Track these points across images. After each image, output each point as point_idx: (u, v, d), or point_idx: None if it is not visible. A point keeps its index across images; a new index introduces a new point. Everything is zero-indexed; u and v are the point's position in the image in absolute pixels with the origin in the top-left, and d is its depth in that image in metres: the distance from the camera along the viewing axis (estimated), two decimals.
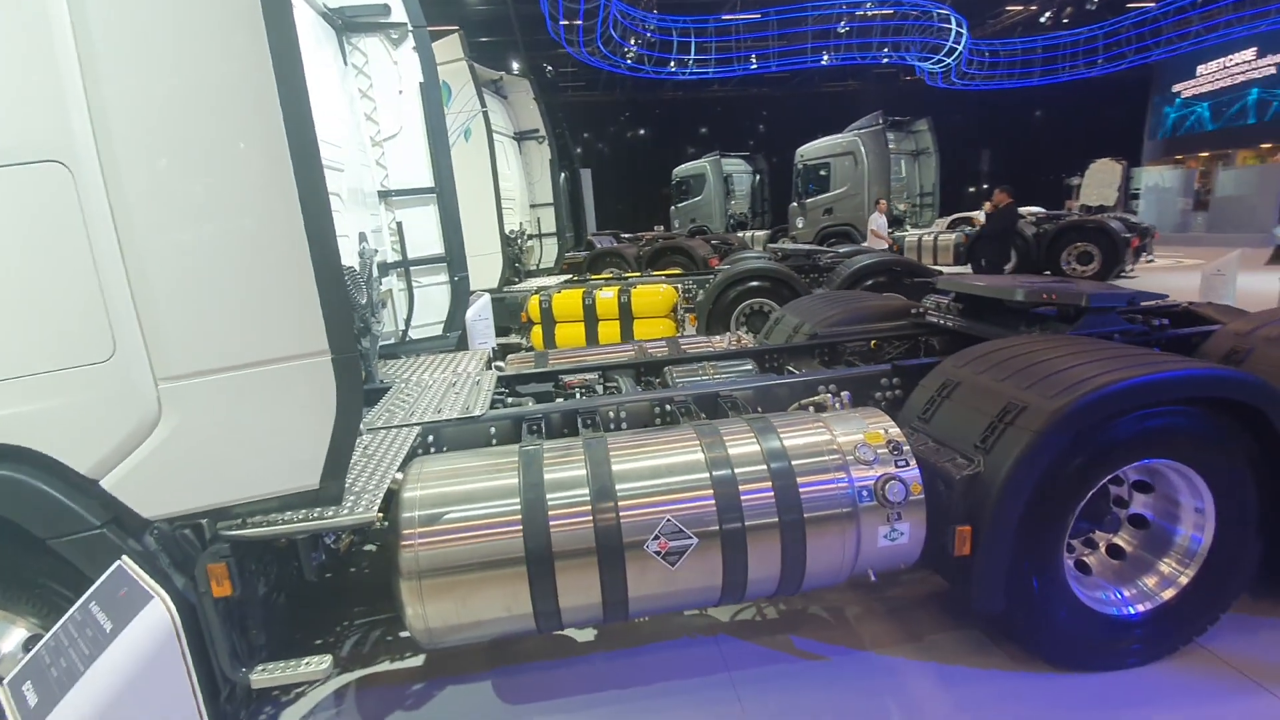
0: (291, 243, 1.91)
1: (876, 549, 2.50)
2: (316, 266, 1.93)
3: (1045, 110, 30.86)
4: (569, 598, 2.37)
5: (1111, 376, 2.41)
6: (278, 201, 1.90)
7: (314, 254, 1.92)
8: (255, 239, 1.94)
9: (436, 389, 3.62)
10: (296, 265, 1.93)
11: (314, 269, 1.93)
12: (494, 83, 9.38)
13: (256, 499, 2.10)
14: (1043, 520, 2.47)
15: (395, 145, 4.43)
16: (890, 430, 2.62)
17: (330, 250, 1.97)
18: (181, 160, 1.89)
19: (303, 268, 1.94)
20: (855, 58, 20.79)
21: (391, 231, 4.48)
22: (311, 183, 1.90)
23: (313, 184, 1.91)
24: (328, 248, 1.96)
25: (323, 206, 1.94)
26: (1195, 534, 2.69)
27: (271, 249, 1.95)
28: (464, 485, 2.44)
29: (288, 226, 1.90)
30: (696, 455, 2.52)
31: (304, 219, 1.89)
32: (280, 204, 1.90)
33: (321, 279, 1.94)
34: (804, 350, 4.11)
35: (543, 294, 7.75)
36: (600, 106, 30.96)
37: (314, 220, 1.91)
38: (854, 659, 2.87)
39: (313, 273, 1.93)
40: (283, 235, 1.92)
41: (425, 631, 2.35)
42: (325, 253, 1.94)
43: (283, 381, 2.02)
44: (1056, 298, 3.31)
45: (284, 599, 2.61)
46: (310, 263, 1.92)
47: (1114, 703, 2.54)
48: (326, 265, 1.95)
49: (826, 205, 16.06)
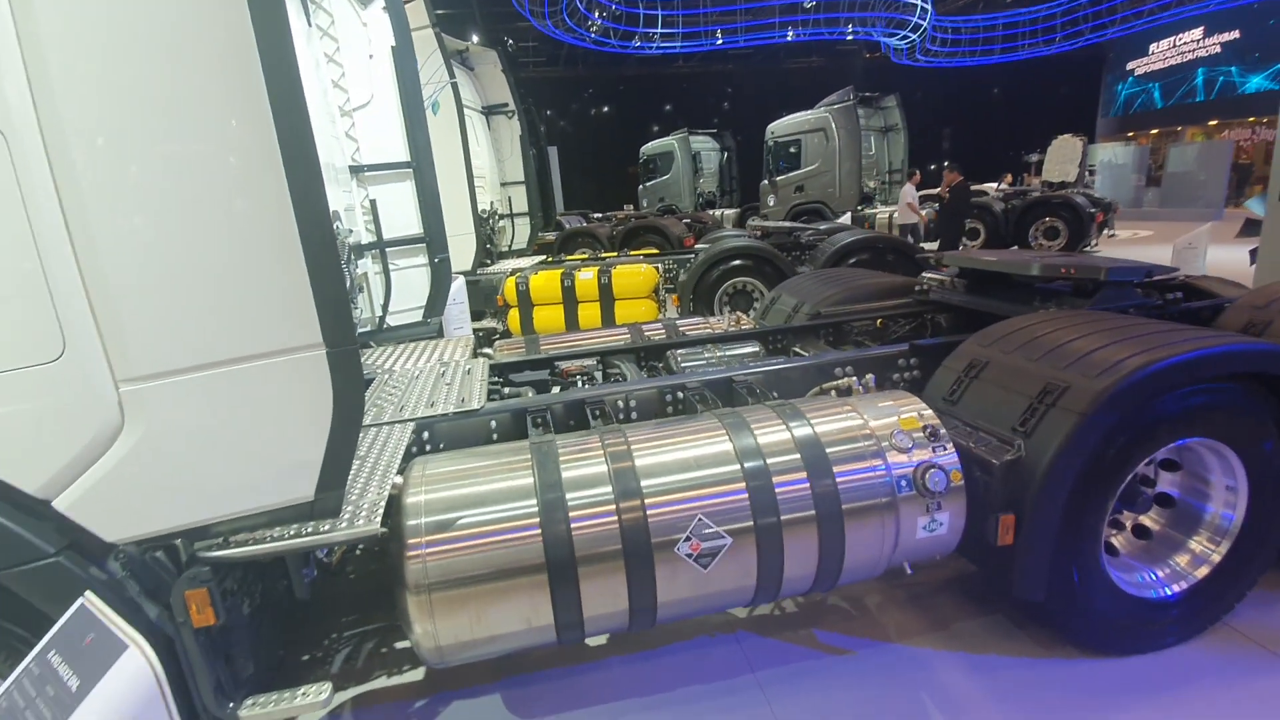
0: (276, 216, 1.63)
1: (915, 540, 2.37)
2: (306, 243, 1.65)
3: (1003, 88, 31.27)
4: (594, 606, 2.17)
5: (1156, 354, 2.30)
6: (259, 167, 1.62)
7: (303, 229, 1.64)
8: (233, 214, 1.65)
9: (424, 380, 3.35)
10: (283, 242, 1.65)
11: (303, 246, 1.65)
12: (460, 53, 8.91)
13: (241, 515, 1.83)
14: (1084, 505, 2.37)
15: (366, 116, 4.08)
16: (925, 414, 2.48)
17: (322, 224, 1.69)
18: (140, 123, 1.59)
19: (289, 245, 1.66)
20: (822, 33, 20.61)
21: (365, 210, 4.14)
22: (298, 144, 1.62)
23: (300, 145, 1.63)
24: (319, 221, 1.68)
25: (312, 172, 1.67)
26: (1226, 511, 2.63)
27: (252, 225, 1.66)
28: (474, 487, 2.21)
29: (271, 197, 1.62)
30: (725, 446, 2.34)
31: (290, 187, 1.61)
32: (262, 170, 1.62)
33: (313, 258, 1.67)
34: (808, 331, 3.95)
35: (519, 276, 7.44)
36: (562, 82, 30.21)
37: (303, 189, 1.63)
38: (881, 651, 2.75)
39: (302, 251, 1.65)
40: (266, 208, 1.64)
41: (435, 650, 2.13)
42: (317, 227, 1.66)
43: (269, 380, 1.75)
44: (1075, 272, 3.21)
45: (271, 619, 2.35)
46: (299, 239, 1.64)
47: (1149, 686, 2.48)
48: (318, 242, 1.67)
49: (798, 182, 15.94)
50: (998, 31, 24.32)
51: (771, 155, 16.52)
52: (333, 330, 1.74)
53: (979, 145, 31.12)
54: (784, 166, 16.24)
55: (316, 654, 2.97)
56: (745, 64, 30.18)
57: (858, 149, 15.16)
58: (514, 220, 10.14)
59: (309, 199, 1.65)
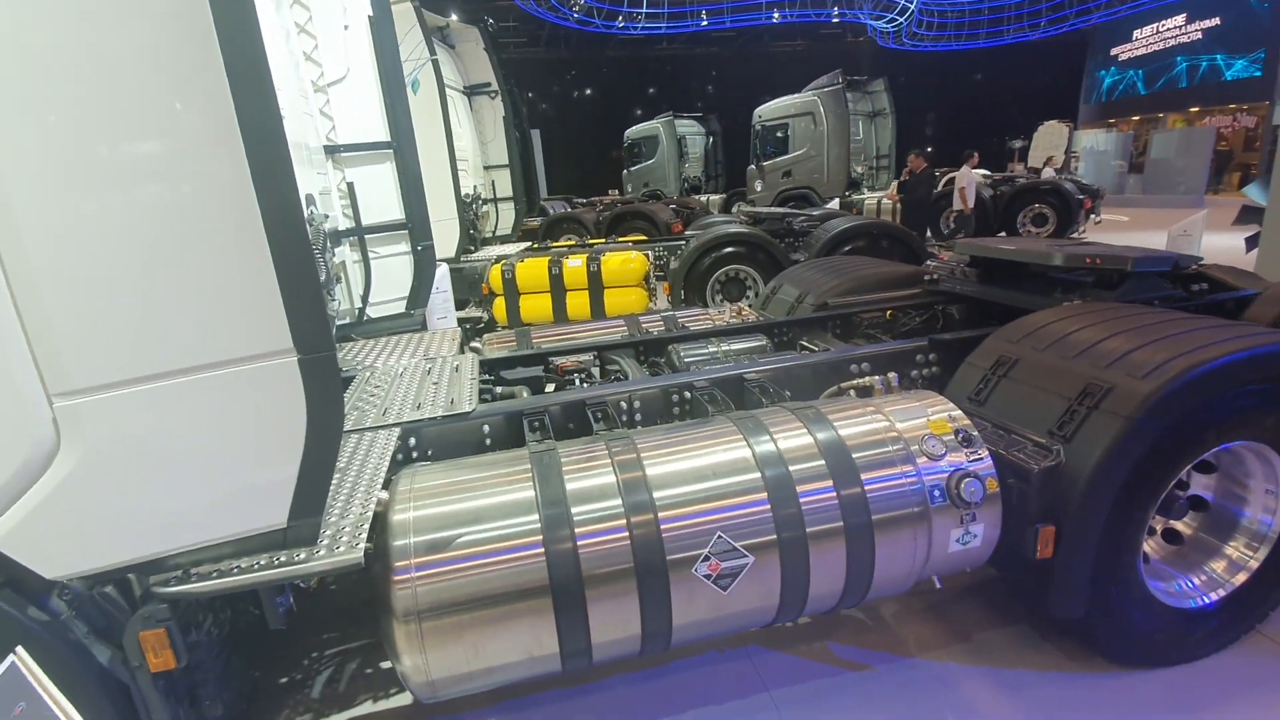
0: (235, 202, 1.38)
1: (947, 554, 2.20)
2: (272, 233, 1.40)
3: (988, 73, 31.22)
4: (603, 632, 1.97)
5: (1206, 353, 2.14)
6: (211, 145, 1.37)
7: (268, 216, 1.39)
8: (183, 200, 1.40)
9: (410, 378, 3.11)
10: (243, 232, 1.40)
11: (268, 236, 1.40)
12: (440, 30, 8.52)
13: (202, 546, 1.60)
14: (1126, 515, 2.22)
15: (342, 91, 3.78)
16: (956, 417, 2.30)
17: (290, 211, 1.44)
18: (69, 94, 1.33)
19: (251, 236, 1.41)
20: (809, 14, 20.31)
21: (342, 194, 3.85)
22: (261, 117, 1.37)
23: (262, 119, 1.38)
24: (287, 207, 1.43)
25: (276, 149, 1.41)
26: (1265, 516, 2.50)
27: (206, 213, 1.40)
28: (469, 502, 1.99)
29: (228, 180, 1.37)
30: (743, 453, 2.14)
31: (251, 168, 1.36)
32: (215, 149, 1.37)
33: (280, 250, 1.42)
34: (815, 323, 3.77)
35: (505, 263, 7.17)
36: (544, 64, 29.58)
37: (267, 169, 1.38)
38: (903, 667, 2.59)
39: (266, 241, 1.41)
40: (221, 193, 1.38)
41: (426, 685, 1.92)
42: (284, 214, 1.42)
43: (230, 393, 1.50)
44: (1101, 262, 3.04)
45: (241, 649, 2.12)
46: (262, 228, 1.39)
47: (1188, 703, 2.34)
48: (286, 231, 1.42)
49: (785, 167, 15.71)
50: (983, 16, 24.20)
51: (759, 140, 16.26)
52: (305, 333, 1.50)
53: (963, 131, 31.12)
54: (771, 151, 15.99)
55: (295, 676, 2.74)
56: (729, 46, 29.77)
57: (846, 134, 14.97)
58: (498, 205, 9.81)
59: (274, 182, 1.40)
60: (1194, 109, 23.33)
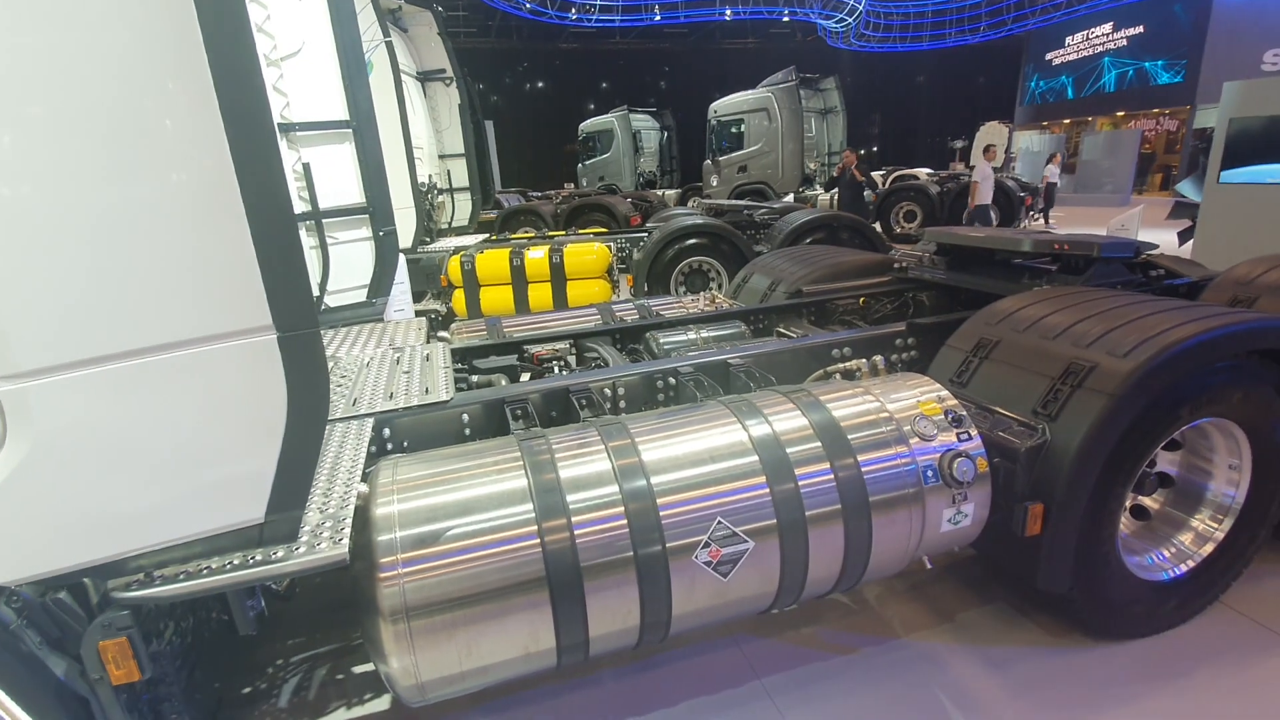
0: (203, 153, 1.23)
1: (939, 534, 2.20)
2: (247, 191, 1.26)
3: (930, 75, 32.28)
4: (601, 624, 1.89)
5: (1183, 331, 2.21)
6: (181, 90, 1.22)
7: (241, 171, 1.25)
8: (143, 153, 1.24)
9: (378, 368, 2.95)
10: (214, 190, 1.26)
11: (243, 195, 1.26)
12: (392, 13, 8.19)
13: (168, 545, 1.45)
14: (1107, 490, 2.27)
15: (296, 66, 3.56)
16: (945, 398, 2.31)
17: (269, 164, 1.30)
18: (10, 36, 1.17)
19: (224, 194, 1.27)
20: (761, 12, 20.52)
21: (297, 175, 3.63)
22: (229, 46, 1.23)
23: (232, 49, 1.24)
24: (265, 160, 1.29)
25: (252, 88, 1.28)
26: (1229, 489, 2.60)
27: (172, 169, 1.26)
28: (458, 493, 1.88)
29: (193, 127, 1.23)
30: (739, 436, 2.09)
31: (222, 112, 1.22)
32: (186, 95, 1.22)
33: (257, 213, 1.28)
34: (790, 310, 3.76)
35: (464, 255, 6.96)
36: (495, 54, 29.04)
37: (241, 113, 1.24)
38: (890, 649, 2.60)
39: (242, 201, 1.27)
40: (186, 142, 1.24)
41: (415, 688, 1.80)
42: (261, 167, 1.28)
43: (201, 374, 1.36)
44: (1069, 248, 3.13)
45: (207, 656, 1.96)
46: (236, 184, 1.25)
47: (1161, 672, 2.42)
48: (264, 190, 1.29)
49: (741, 163, 15.82)
50: (927, 19, 24.93)
51: (714, 135, 16.34)
52: (286, 308, 1.36)
53: (906, 131, 32.13)
54: (727, 146, 16.09)
55: (260, 685, 2.57)
56: (683, 43, 29.89)
57: (800, 130, 15.17)
58: (454, 196, 9.53)
59: (250, 129, 1.26)
60: (1120, 113, 24.63)
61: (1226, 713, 2.24)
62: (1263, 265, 3.14)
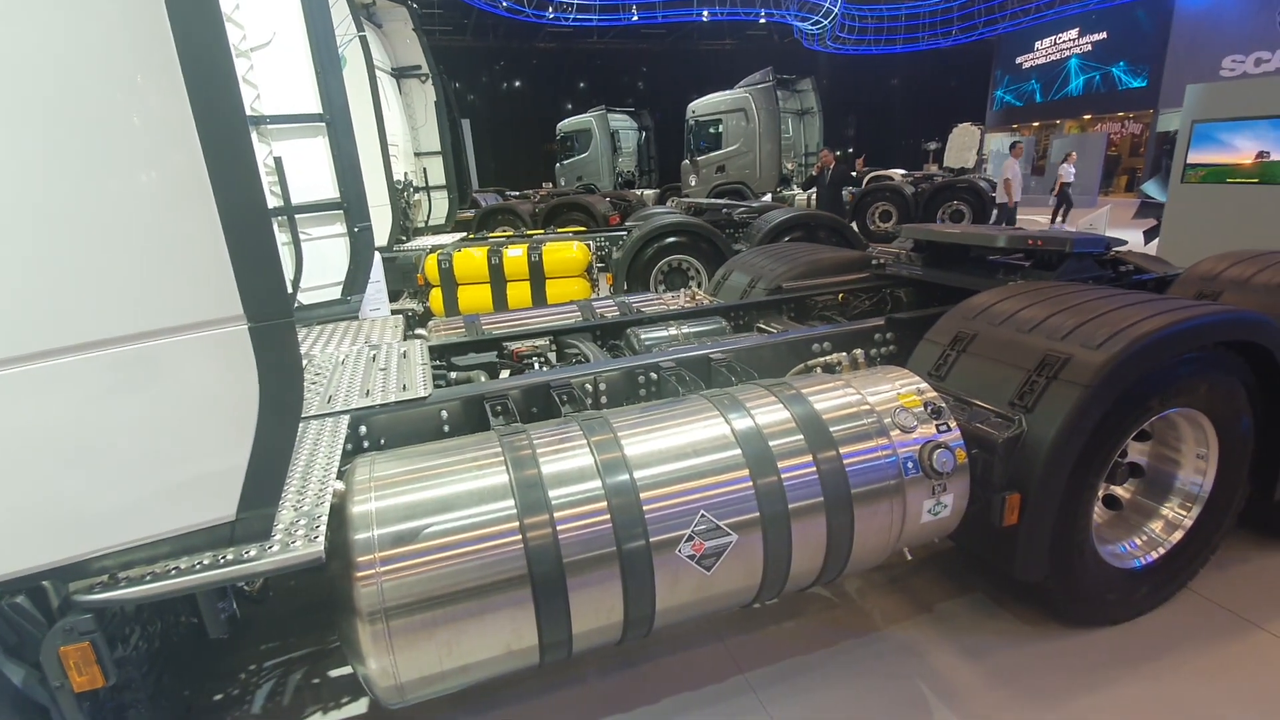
0: (164, 122, 1.17)
1: (919, 525, 2.22)
2: (215, 174, 1.22)
3: (902, 78, 32.74)
4: (585, 620, 1.87)
5: (1154, 323, 2.25)
6: (146, 71, 1.17)
7: (208, 145, 1.19)
8: (106, 133, 1.19)
9: (354, 365, 2.90)
10: (182, 174, 1.21)
11: (210, 174, 1.21)
12: (366, 7, 8.07)
13: (133, 545, 1.39)
14: (1082, 480, 2.31)
15: (267, 58, 3.47)
16: (924, 390, 2.33)
17: (237, 136, 1.26)
18: None
19: (192, 176, 1.22)
20: (738, 13, 20.63)
21: (269, 169, 3.54)
22: (206, 30, 1.19)
23: (207, 31, 1.19)
24: (233, 132, 1.24)
25: (216, 52, 1.23)
26: (1196, 478, 2.66)
27: (130, 141, 1.20)
28: (437, 490, 1.84)
29: (152, 91, 1.17)
30: (722, 429, 2.09)
31: (185, 76, 1.17)
32: (151, 75, 1.18)
33: (226, 193, 1.23)
34: (770, 306, 3.77)
35: (441, 253, 6.88)
36: (470, 53, 28.78)
37: (205, 79, 1.19)
38: (871, 640, 2.62)
39: (209, 182, 1.22)
40: (155, 124, 1.18)
41: (394, 689, 1.76)
42: (229, 140, 1.23)
43: (166, 367, 1.31)
44: (1043, 243, 3.18)
45: (175, 661, 1.90)
46: (204, 168, 1.20)
47: (1134, 656, 2.47)
48: (233, 166, 1.24)
49: (719, 163, 15.90)
50: (900, 22, 25.29)
51: (693, 135, 16.39)
52: (258, 297, 1.32)
53: (880, 133, 32.54)
54: (705, 146, 16.15)
55: (232, 691, 2.50)
56: (660, 43, 29.93)
57: (777, 130, 15.29)
58: (430, 194, 9.41)
59: (217, 96, 1.20)
60: (1087, 116, 25.22)
61: (1197, 694, 2.29)
62: (1226, 261, 3.22)
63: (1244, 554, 2.99)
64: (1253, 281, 3.04)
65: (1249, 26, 18.77)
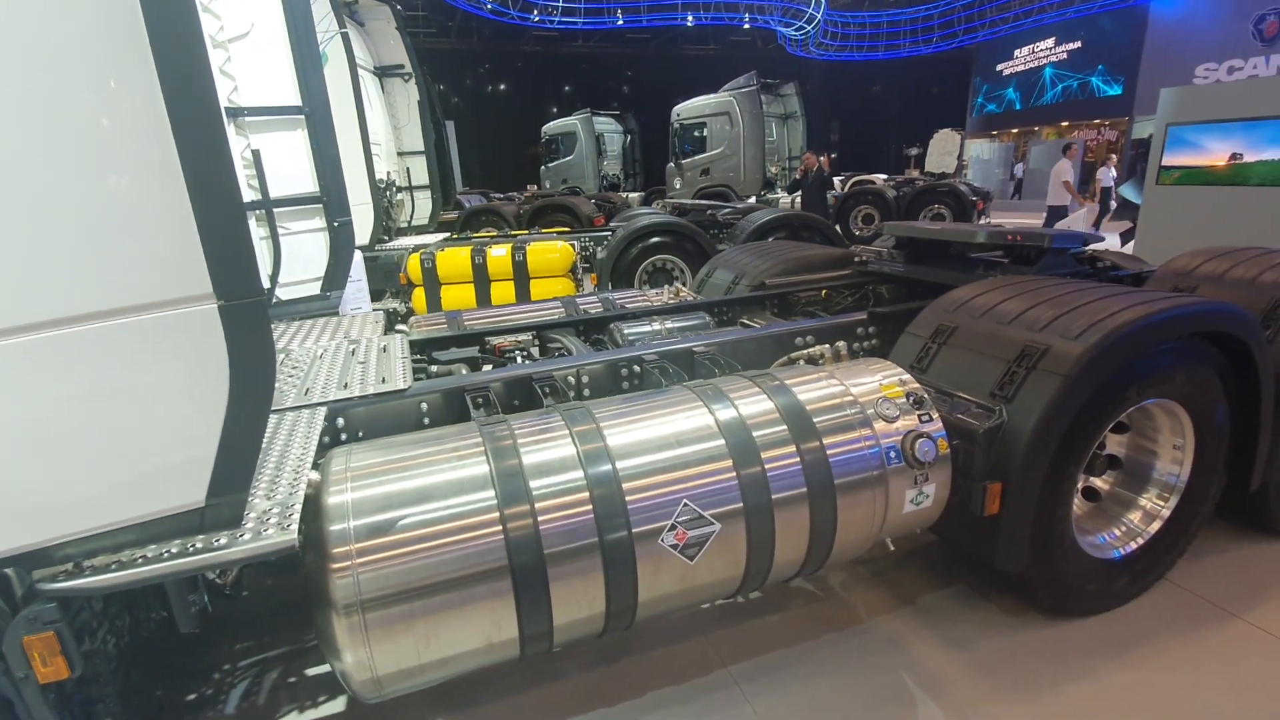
0: (128, 91, 1.14)
1: (902, 515, 2.22)
2: (183, 143, 1.18)
3: (884, 85, 33.11)
4: (566, 612, 1.85)
5: (1131, 314, 2.28)
6: (109, 29, 1.14)
7: (174, 112, 1.16)
8: (66, 98, 1.16)
9: (332, 359, 2.85)
10: (147, 142, 1.17)
11: (178, 148, 1.18)
12: (349, 5, 8.01)
13: (97, 532, 1.35)
14: (1061, 470, 2.32)
15: (245, 49, 3.43)
16: (906, 381, 2.33)
17: (207, 105, 1.22)
18: None
19: (158, 145, 1.18)
20: (722, 18, 20.74)
21: (246, 162, 3.49)
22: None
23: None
24: (202, 102, 1.21)
25: (192, 40, 1.20)
26: (1173, 468, 2.70)
27: (88, 109, 1.16)
28: (415, 480, 1.81)
29: (114, 57, 1.14)
30: (705, 419, 2.08)
31: (152, 41, 1.13)
32: (115, 35, 1.14)
33: (193, 165, 1.20)
34: (753, 302, 3.77)
35: (424, 252, 6.83)
36: (455, 55, 28.66)
37: (171, 45, 1.16)
38: (855, 633, 2.62)
39: (175, 148, 1.18)
40: (103, 78, 1.14)
41: (371, 683, 1.73)
42: (198, 111, 1.20)
43: (131, 346, 1.27)
44: (1022, 239, 3.21)
45: (146, 656, 1.85)
46: (169, 127, 1.17)
47: (1113, 646, 2.49)
48: (202, 139, 1.21)
49: (704, 166, 15.95)
50: (882, 29, 25.57)
51: (678, 138, 16.43)
52: (228, 275, 1.28)
53: (864, 137, 32.87)
54: (690, 149, 16.20)
55: (206, 690, 2.44)
56: (645, 48, 30.01)
57: (761, 134, 15.38)
58: (413, 194, 9.34)
59: (183, 61, 1.17)
60: (1064, 123, 25.63)
61: (1177, 683, 2.31)
62: (1200, 257, 3.28)
63: (1220, 545, 3.03)
64: (1226, 276, 3.10)
65: (1221, 35, 19.20)
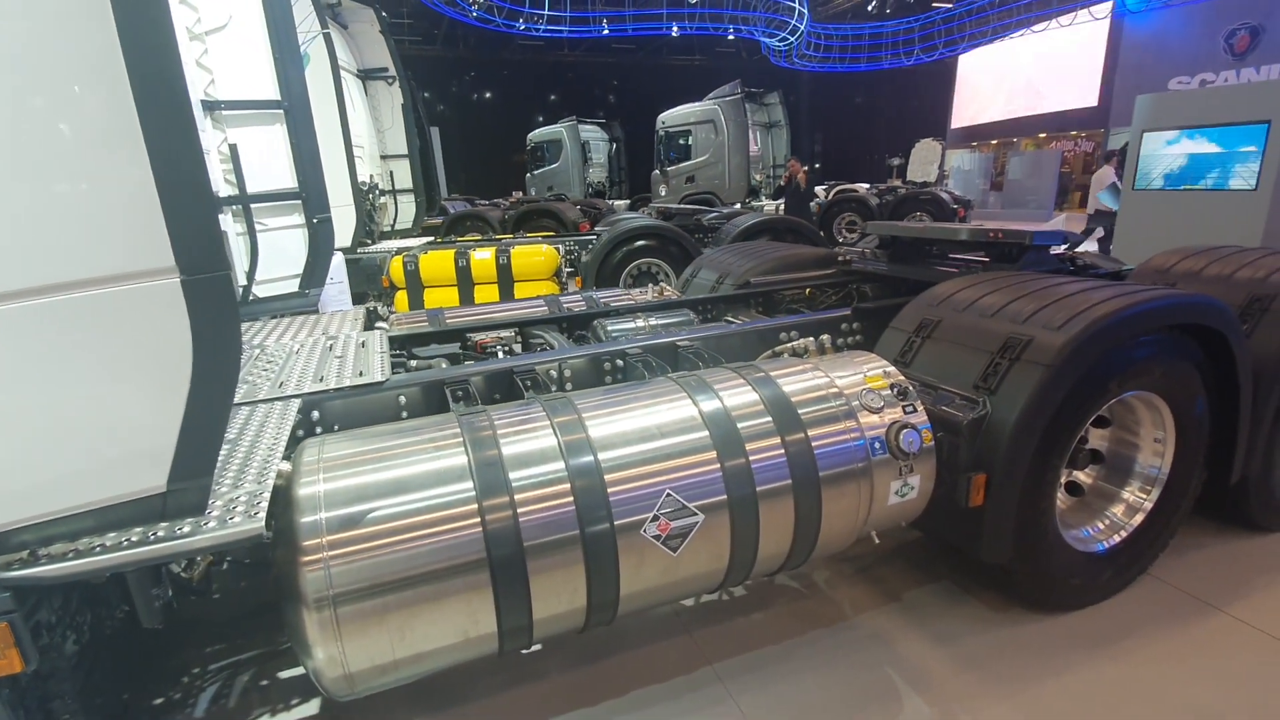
0: (80, 48, 1.09)
1: (886, 507, 2.20)
2: (143, 106, 1.14)
3: (866, 96, 33.54)
4: (546, 606, 1.80)
5: (1112, 305, 2.29)
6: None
7: (135, 71, 1.11)
8: (20, 61, 1.11)
9: (308, 354, 2.79)
10: (103, 105, 1.13)
11: (138, 111, 1.13)
12: (332, 8, 7.95)
13: (54, 517, 1.29)
14: (1044, 462, 2.32)
15: (223, 41, 3.38)
16: (891, 373, 2.32)
17: (172, 87, 1.18)
18: None
19: (116, 108, 1.13)
20: (707, 28, 20.89)
21: (223, 157, 3.43)
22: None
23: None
24: (163, 61, 1.16)
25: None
26: (1154, 461, 2.71)
27: (39, 70, 1.12)
28: (390, 471, 1.76)
29: (87, 32, 1.09)
30: (689, 411, 2.05)
31: (116, 18, 1.09)
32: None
33: (153, 126, 1.15)
34: (738, 300, 3.76)
35: (407, 255, 6.76)
36: (440, 62, 28.60)
37: (134, 23, 1.12)
38: (840, 630, 2.59)
39: (136, 113, 1.13)
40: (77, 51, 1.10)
41: (343, 679, 1.67)
42: (165, 91, 1.16)
43: (87, 322, 1.21)
44: (1004, 236, 3.23)
45: (109, 655, 1.78)
46: (134, 105, 1.12)
47: (1097, 640, 2.48)
48: (166, 112, 1.16)
49: (689, 173, 16.03)
50: (864, 41, 25.89)
51: (663, 145, 16.51)
52: (191, 247, 1.23)
53: (847, 147, 33.24)
54: (675, 157, 16.28)
55: (174, 694, 2.36)
56: (629, 58, 30.16)
57: (745, 142, 15.49)
58: (397, 197, 9.27)
59: (141, 17, 1.12)
60: (1042, 135, 26.09)
61: (1161, 676, 2.31)
62: (1177, 255, 3.32)
63: (1202, 540, 3.04)
64: (1203, 274, 3.13)
65: (1193, 49, 19.65)
